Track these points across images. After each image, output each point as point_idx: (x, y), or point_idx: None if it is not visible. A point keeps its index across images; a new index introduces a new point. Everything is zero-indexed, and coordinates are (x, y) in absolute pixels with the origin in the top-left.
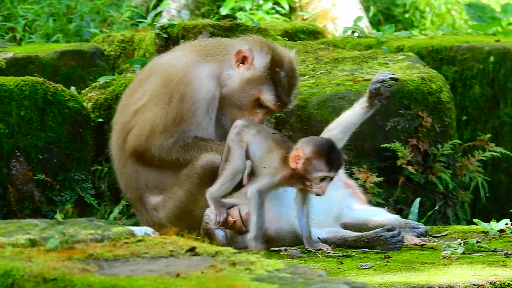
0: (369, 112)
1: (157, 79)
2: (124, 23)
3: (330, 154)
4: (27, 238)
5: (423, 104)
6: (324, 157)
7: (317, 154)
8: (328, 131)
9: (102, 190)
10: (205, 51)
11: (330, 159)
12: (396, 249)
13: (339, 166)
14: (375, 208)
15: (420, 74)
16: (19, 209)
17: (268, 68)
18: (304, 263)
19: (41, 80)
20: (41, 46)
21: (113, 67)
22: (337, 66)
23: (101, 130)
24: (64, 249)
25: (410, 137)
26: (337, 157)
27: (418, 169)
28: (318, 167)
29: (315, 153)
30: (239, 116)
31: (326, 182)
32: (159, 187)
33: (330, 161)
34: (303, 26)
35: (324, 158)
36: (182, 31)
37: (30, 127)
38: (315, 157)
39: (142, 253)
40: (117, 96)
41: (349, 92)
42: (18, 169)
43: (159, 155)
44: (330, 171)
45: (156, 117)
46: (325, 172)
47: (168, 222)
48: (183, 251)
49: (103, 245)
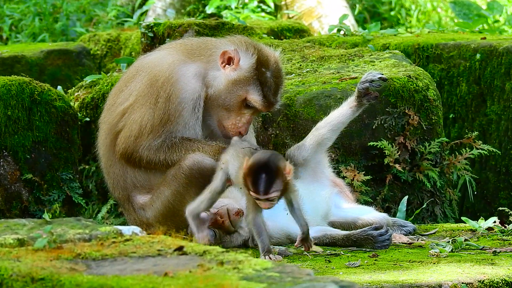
0: (357, 112)
1: (143, 79)
2: (110, 22)
3: (255, 177)
4: (15, 237)
5: (409, 102)
6: (251, 177)
7: (248, 171)
8: (316, 130)
9: (90, 189)
10: (190, 51)
11: (256, 182)
12: (384, 247)
13: (265, 190)
14: (363, 207)
15: (406, 72)
16: (7, 208)
17: (254, 69)
18: (292, 262)
19: (28, 80)
20: (27, 46)
21: (100, 66)
22: (323, 64)
23: (88, 129)
24: (52, 249)
25: (397, 135)
26: (263, 181)
27: (406, 167)
28: (248, 184)
29: (247, 169)
30: (226, 116)
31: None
32: (146, 186)
33: (256, 184)
34: (289, 24)
35: (251, 178)
36: (168, 30)
37: (17, 127)
38: (247, 173)
39: (130, 253)
40: (103, 95)
41: (335, 90)
42: (5, 169)
43: (146, 155)
44: (256, 193)
45: (143, 117)
46: (253, 194)
47: (155, 221)
48: (171, 250)
49: (91, 245)
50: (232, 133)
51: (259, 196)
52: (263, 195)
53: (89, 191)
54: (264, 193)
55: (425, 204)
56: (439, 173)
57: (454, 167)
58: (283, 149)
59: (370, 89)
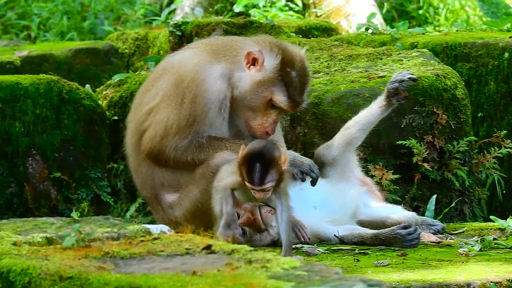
0: (386, 111)
1: (169, 79)
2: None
3: (250, 166)
4: (44, 236)
5: (438, 101)
6: (246, 167)
7: (242, 160)
8: (345, 129)
9: (118, 188)
10: (216, 51)
11: (250, 171)
12: (413, 246)
13: (260, 180)
14: (392, 206)
15: (434, 70)
16: (35, 207)
17: (278, 69)
18: (321, 260)
19: (56, 78)
20: (55, 44)
21: (128, 65)
22: (351, 63)
23: (116, 128)
24: (80, 247)
25: (425, 134)
26: (257, 171)
27: (434, 166)
28: (243, 174)
29: (242, 158)
30: (252, 117)
31: (257, 192)
32: (174, 185)
33: (251, 173)
34: (317, 23)
35: (246, 167)
36: (196, 29)
37: (46, 125)
38: (241, 163)
39: (158, 251)
40: (131, 94)
41: (363, 89)
42: (34, 168)
43: (174, 156)
44: (251, 183)
45: (169, 118)
46: (248, 184)
47: (184, 220)
48: (199, 249)
49: (119, 243)
50: (259, 133)
51: (254, 187)
52: (258, 185)
53: (118, 190)
54: (259, 184)
55: (453, 203)
56: (468, 172)
57: (482, 166)
58: (311, 148)
59: (399, 89)
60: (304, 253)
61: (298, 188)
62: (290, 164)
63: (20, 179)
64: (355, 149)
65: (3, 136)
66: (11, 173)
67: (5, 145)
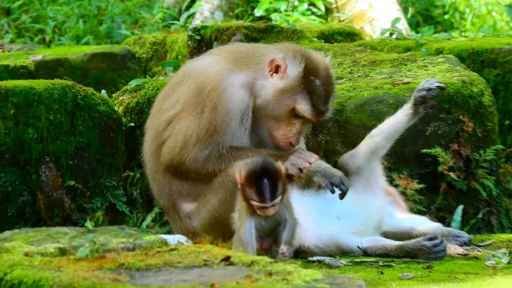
0: (413, 120)
1: (189, 86)
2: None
3: (259, 184)
4: (57, 246)
5: (464, 108)
6: (254, 186)
7: (247, 181)
8: (370, 138)
9: (134, 197)
10: (238, 59)
11: (259, 189)
12: (439, 258)
13: (271, 196)
14: (416, 216)
15: (460, 77)
16: (48, 216)
17: (301, 77)
18: (343, 273)
19: (71, 83)
20: (71, 48)
21: (145, 70)
22: (375, 68)
23: (132, 134)
24: (95, 258)
25: (451, 142)
26: (267, 188)
27: (460, 176)
28: (250, 195)
29: (246, 179)
30: (275, 127)
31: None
32: (192, 194)
33: (260, 191)
34: (340, 27)
35: (254, 187)
36: (216, 33)
37: (60, 132)
38: (246, 184)
39: (175, 263)
40: (149, 100)
41: (387, 95)
42: (47, 175)
43: (194, 168)
44: (262, 202)
45: (189, 127)
46: (257, 203)
47: (202, 230)
48: (218, 261)
49: (135, 254)
50: (283, 143)
51: (266, 204)
52: (270, 201)
53: (134, 199)
54: (271, 200)
55: (480, 214)
56: (495, 182)
57: (510, 175)
58: (333, 156)
59: (427, 98)
60: (326, 265)
61: (322, 197)
62: (321, 175)
63: (33, 187)
64: (380, 158)
65: (16, 142)
66: (24, 181)
67: (18, 152)
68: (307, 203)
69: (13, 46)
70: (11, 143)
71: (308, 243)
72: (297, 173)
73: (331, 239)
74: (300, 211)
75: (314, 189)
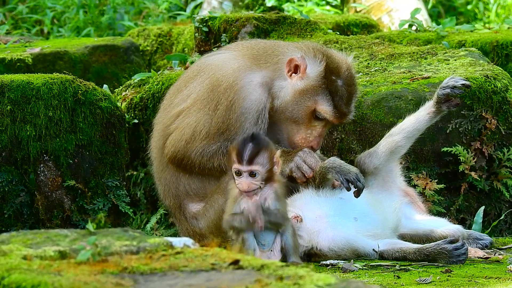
0: (435, 118)
1: (204, 81)
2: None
3: (241, 146)
4: (56, 249)
5: (487, 104)
6: (236, 149)
7: (232, 147)
8: (390, 137)
9: (138, 197)
10: (256, 57)
11: (240, 150)
12: (460, 262)
13: (249, 159)
14: (436, 218)
15: (483, 71)
16: (47, 218)
17: (322, 77)
18: (358, 277)
19: (71, 78)
20: (70, 41)
21: (149, 64)
22: (393, 62)
23: (136, 132)
24: (97, 262)
25: (473, 140)
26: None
27: (482, 175)
28: (232, 158)
29: (232, 146)
30: (295, 130)
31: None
32: (200, 194)
33: (240, 152)
34: (356, 18)
35: (235, 149)
36: (224, 25)
37: (59, 129)
38: (231, 150)
39: (181, 266)
40: (153, 95)
41: (406, 91)
42: (46, 175)
43: (199, 161)
44: (240, 163)
45: (199, 123)
46: (236, 164)
47: (209, 232)
48: (226, 264)
49: (139, 258)
50: (303, 148)
51: (241, 167)
52: (246, 164)
53: (137, 200)
54: (248, 162)
55: (503, 216)
56: None
57: None
58: (348, 155)
59: (450, 96)
60: (339, 269)
61: (338, 197)
62: (336, 172)
63: (30, 187)
64: (399, 158)
65: (13, 140)
66: (21, 181)
67: (15, 151)
68: (323, 203)
69: (10, 38)
70: (8, 141)
71: (321, 245)
72: (301, 178)
73: (347, 242)
74: (315, 212)
75: (329, 188)
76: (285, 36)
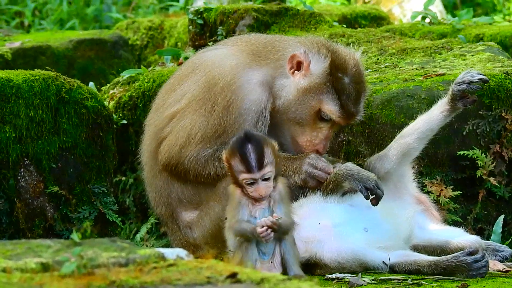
0: (449, 117)
1: (199, 79)
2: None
3: (243, 151)
4: (38, 261)
5: (507, 104)
6: (237, 156)
7: (231, 154)
8: (401, 138)
9: (127, 205)
10: (256, 53)
11: (244, 157)
12: (480, 276)
13: (259, 164)
14: (452, 228)
15: (503, 67)
16: (28, 227)
17: (327, 74)
18: None
19: (54, 75)
20: (53, 34)
21: (139, 59)
22: (405, 58)
23: (125, 133)
24: (82, 275)
25: (491, 143)
26: (253, 153)
27: (502, 181)
28: (236, 168)
29: (230, 151)
30: (299, 132)
31: (258, 184)
32: (194, 201)
33: (245, 160)
34: (365, 10)
35: (237, 157)
36: (221, 17)
37: (41, 130)
38: (231, 157)
39: (174, 280)
40: (144, 94)
41: (419, 89)
42: (27, 180)
43: (194, 168)
44: (250, 171)
45: (194, 125)
46: (246, 174)
47: (204, 242)
48: (223, 278)
49: (128, 270)
50: (308, 152)
51: (254, 175)
52: (258, 170)
53: (126, 208)
54: (258, 168)
55: None
56: None
57: None
58: (356, 159)
59: (466, 92)
60: (346, 284)
61: (347, 204)
62: (353, 179)
63: (10, 194)
64: (412, 161)
65: None
66: (0, 187)
67: None
68: (331, 211)
69: None
70: None
71: (325, 257)
72: (316, 185)
73: (353, 254)
74: (322, 222)
75: (338, 195)
76: (287, 29)
